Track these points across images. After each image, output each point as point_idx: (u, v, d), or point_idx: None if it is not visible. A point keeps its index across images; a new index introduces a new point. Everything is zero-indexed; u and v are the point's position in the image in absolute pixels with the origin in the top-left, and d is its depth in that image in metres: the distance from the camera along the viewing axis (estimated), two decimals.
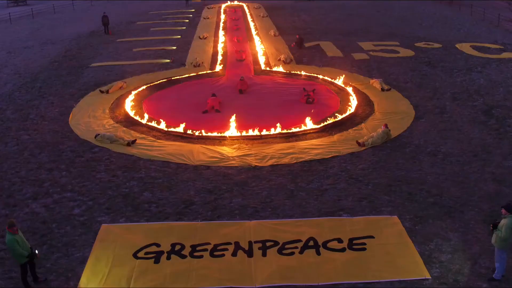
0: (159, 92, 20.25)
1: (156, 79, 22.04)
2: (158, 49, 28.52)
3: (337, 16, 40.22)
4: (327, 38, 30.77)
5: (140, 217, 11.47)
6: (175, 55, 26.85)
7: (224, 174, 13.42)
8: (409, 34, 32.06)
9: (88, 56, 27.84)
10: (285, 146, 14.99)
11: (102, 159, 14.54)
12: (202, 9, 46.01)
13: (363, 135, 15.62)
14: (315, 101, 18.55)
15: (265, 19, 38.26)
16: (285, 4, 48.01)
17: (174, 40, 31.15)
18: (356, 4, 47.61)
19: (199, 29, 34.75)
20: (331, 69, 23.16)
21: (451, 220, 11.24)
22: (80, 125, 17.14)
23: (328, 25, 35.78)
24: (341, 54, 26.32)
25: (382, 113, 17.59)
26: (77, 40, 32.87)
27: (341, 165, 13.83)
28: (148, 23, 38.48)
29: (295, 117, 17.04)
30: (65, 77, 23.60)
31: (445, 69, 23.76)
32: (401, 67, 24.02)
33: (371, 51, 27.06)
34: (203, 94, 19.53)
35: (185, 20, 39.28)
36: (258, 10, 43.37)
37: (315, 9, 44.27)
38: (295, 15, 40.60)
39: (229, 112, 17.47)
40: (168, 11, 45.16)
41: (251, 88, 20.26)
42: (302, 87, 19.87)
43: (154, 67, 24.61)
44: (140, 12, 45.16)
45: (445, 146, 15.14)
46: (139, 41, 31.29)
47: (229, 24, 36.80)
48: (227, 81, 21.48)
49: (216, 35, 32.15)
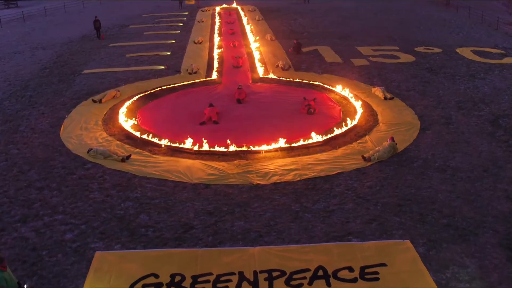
0: (154, 102, 19.51)
1: (150, 87, 21.29)
2: (152, 55, 27.78)
3: (334, 19, 39.65)
4: (325, 43, 30.15)
5: (136, 243, 10.75)
6: (169, 61, 26.12)
7: (224, 193, 12.72)
8: (408, 38, 31.54)
9: (80, 62, 27.03)
10: (288, 161, 14.32)
11: (95, 176, 13.80)
12: (196, 12, 45.30)
13: (368, 148, 14.98)
14: (316, 111, 17.90)
15: (260, 22, 37.61)
16: (280, 6, 47.44)
17: (168, 45, 30.41)
18: (352, 6, 47.14)
19: (193, 33, 34.02)
20: (331, 76, 22.54)
21: (466, 244, 10.62)
22: (72, 138, 16.37)
23: (325, 29, 35.19)
24: (341, 60, 25.70)
25: (386, 124, 16.97)
26: (68, 45, 32.04)
27: (347, 182, 13.17)
28: (141, 27, 37.71)
29: (297, 129, 16.40)
30: (57, 85, 22.80)
31: (447, 75, 23.21)
32: (402, 73, 23.43)
33: (370, 57, 26.47)
34: (199, 103, 18.83)
35: (179, 24, 38.54)
36: (253, 13, 42.70)
37: (310, 11, 43.69)
38: (291, 18, 39.97)
39: (227, 124, 16.81)
40: (161, 14, 44.43)
41: (249, 97, 19.58)
42: (302, 96, 19.21)
43: (149, 74, 23.85)
44: (133, 15, 44.36)
45: (454, 160, 14.53)
46: (132, 46, 30.52)
47: (224, 27, 36.11)
48: (224, 89, 20.78)
49: (211, 40, 31.44)
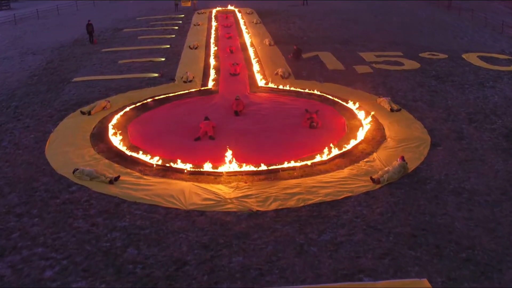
0: (146, 114, 18.33)
1: (143, 97, 20.12)
2: (145, 61, 26.58)
3: (334, 21, 38.54)
4: (325, 48, 29.04)
5: (123, 282, 9.60)
6: (163, 68, 24.95)
7: (221, 222, 11.58)
8: (411, 43, 30.45)
9: (70, 69, 25.84)
10: (290, 183, 13.18)
11: (81, 201, 12.63)
12: (192, 14, 44.12)
13: (377, 168, 13.86)
14: (319, 125, 16.77)
15: (258, 26, 36.45)
16: (278, 8, 46.31)
17: (162, 51, 29.23)
18: (352, 8, 46.08)
19: (189, 37, 32.85)
20: (334, 86, 21.40)
21: (489, 283, 9.53)
22: (58, 155, 15.20)
23: (326, 33, 34.07)
24: (343, 67, 24.58)
25: (394, 139, 15.85)
26: (59, 50, 30.84)
27: (355, 208, 12.05)
28: (135, 30, 36.51)
29: (299, 145, 15.30)
30: (44, 95, 21.61)
31: (455, 84, 22.13)
32: (408, 82, 22.33)
33: (374, 63, 25.37)
34: (195, 116, 17.71)
35: (174, 27, 37.36)
36: (251, 16, 41.55)
37: (309, 14, 42.56)
38: (289, 21, 38.83)
39: (224, 139, 15.68)
40: (156, 16, 43.23)
41: (248, 109, 18.43)
42: (303, 108, 18.12)
43: (141, 82, 22.67)
44: (127, 18, 43.16)
45: (469, 182, 13.43)
46: (126, 51, 29.32)
47: (221, 31, 34.94)
48: (221, 100, 19.63)
49: (207, 45, 30.27)
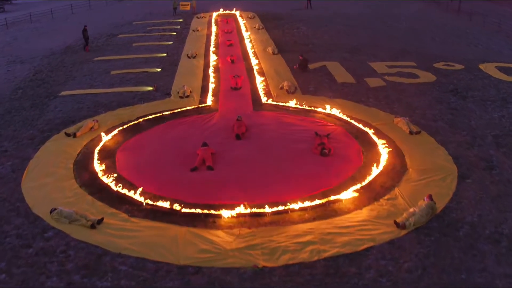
0: (137, 137, 16.43)
1: (134, 116, 18.24)
2: (139, 72, 24.67)
3: (340, 27, 36.60)
4: (333, 57, 27.14)
5: None
6: (159, 80, 23.06)
7: (220, 282, 9.71)
8: (424, 52, 28.56)
9: (59, 81, 23.97)
10: (301, 229, 11.31)
11: (57, 251, 10.77)
12: (191, 18, 42.20)
13: (400, 208, 11.99)
14: (332, 151, 14.86)
15: (261, 31, 34.53)
16: (281, 12, 44.41)
17: (158, 60, 27.33)
18: (357, 12, 44.18)
19: (187, 44, 30.94)
20: (345, 102, 19.48)
21: None
22: (35, 189, 13.35)
23: (332, 40, 32.15)
24: (353, 80, 22.67)
25: (417, 170, 13.95)
26: (49, 59, 28.97)
27: (379, 263, 10.15)
28: (131, 36, 34.61)
29: (309, 176, 13.45)
30: (28, 111, 19.75)
31: (476, 100, 20.24)
32: (425, 97, 20.43)
33: (386, 75, 23.47)
34: (191, 140, 15.85)
35: (172, 33, 35.44)
36: (253, 20, 39.63)
37: (314, 19, 40.64)
38: (293, 27, 36.91)
39: (224, 170, 13.86)
40: (154, 21, 41.33)
41: (251, 131, 16.54)
42: (313, 130, 16.27)
43: (134, 97, 20.77)
44: (123, 22, 41.29)
45: (507, 224, 11.60)
46: (119, 61, 27.42)
47: (221, 38, 33.01)
48: (221, 120, 17.74)
49: (207, 53, 28.36)
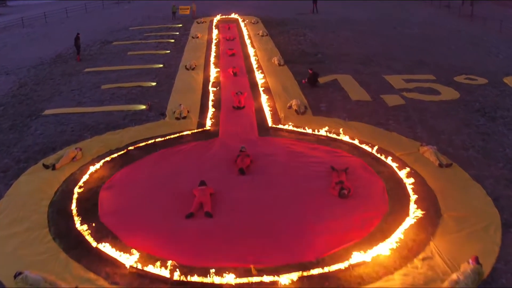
0: (125, 171, 14.25)
1: (123, 142, 16.05)
2: (133, 87, 22.48)
3: (349, 34, 34.37)
4: (344, 69, 24.94)
5: None
6: (153, 97, 20.90)
7: None
8: (442, 63, 26.37)
9: (44, 96, 21.84)
10: None
11: None
12: (190, 23, 40.02)
13: (439, 271, 9.83)
14: (351, 191, 12.64)
15: (265, 39, 32.32)
16: (286, 17, 42.22)
17: (154, 72, 25.14)
18: (366, 17, 41.98)
19: (186, 54, 28.75)
20: (362, 126, 17.27)
21: None
22: (1, 241, 11.16)
23: (342, 48, 29.93)
24: (369, 97, 20.45)
25: (453, 217, 11.76)
26: (37, 69, 26.87)
27: None
28: (126, 44, 32.45)
29: (327, 227, 11.21)
30: (5, 135, 17.64)
31: (507, 122, 18.10)
32: (450, 119, 18.23)
33: (404, 91, 21.27)
34: (187, 175, 13.71)
35: (170, 40, 33.25)
36: (256, 26, 37.43)
37: (321, 24, 38.43)
38: (299, 34, 34.68)
39: (225, 217, 11.71)
40: (151, 26, 39.17)
41: (256, 164, 14.33)
42: (327, 162, 14.13)
43: (124, 117, 18.59)
44: (119, 28, 39.14)
45: None
46: (111, 72, 25.26)
47: (222, 46, 30.81)
48: (222, 148, 15.55)
49: (206, 64, 26.16)
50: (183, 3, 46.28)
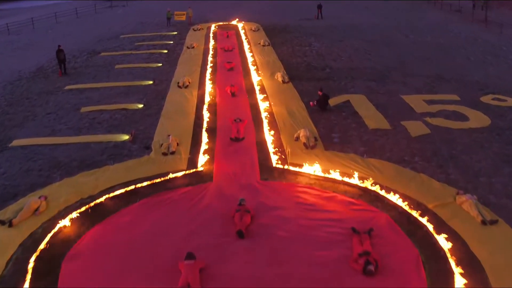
0: (95, 231, 11.52)
1: (97, 188, 13.35)
2: (116, 110, 19.76)
3: (358, 44, 31.60)
4: (356, 87, 22.25)
5: None
6: (139, 122, 18.27)
7: None
8: (463, 78, 23.72)
9: (16, 121, 19.19)
10: None
11: None
12: (186, 30, 37.30)
13: None
14: (379, 264, 9.91)
15: (267, 49, 29.59)
16: (289, 24, 39.47)
17: (143, 90, 22.43)
18: (374, 23, 39.23)
19: (179, 67, 26.04)
20: (383, 165, 14.52)
21: None
22: None
23: (352, 61, 27.19)
24: (388, 125, 17.71)
25: None
26: (13, 86, 24.21)
27: None
28: (114, 55, 29.71)
29: None
30: None
31: None
32: (484, 153, 15.53)
33: (427, 115, 18.59)
34: (171, 239, 11.04)
35: (163, 51, 30.51)
36: (257, 34, 34.69)
37: (327, 32, 35.67)
38: (304, 43, 31.91)
39: None
40: (144, 34, 36.44)
41: (258, 221, 11.65)
42: (346, 220, 11.42)
43: (103, 152, 15.89)
44: (109, 35, 36.42)
45: None
46: (95, 91, 22.57)
47: (220, 57, 28.09)
48: (216, 198, 12.82)
49: (202, 81, 23.47)
50: (179, 8, 43.52)
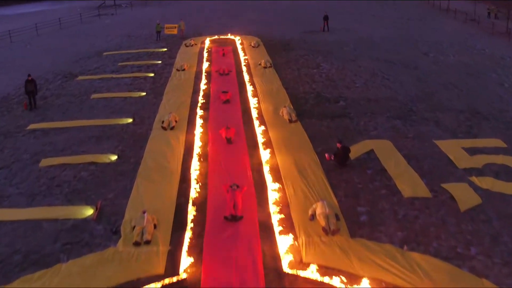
0: None
1: None
2: (84, 164, 15.77)
3: (373, 65, 27.65)
4: (379, 128, 18.43)
5: None
6: (109, 182, 14.32)
7: None
8: (502, 114, 20.00)
9: None
10: None
11: None
12: (178, 45, 33.33)
13: None
14: None
15: (268, 72, 25.67)
16: (291, 37, 35.54)
17: (119, 132, 18.50)
18: (384, 36, 35.26)
19: (166, 98, 22.14)
20: (432, 264, 10.65)
21: None
22: None
23: (368, 89, 23.27)
24: (428, 192, 13.76)
25: None
26: None
27: None
28: (93, 80, 25.75)
29: None
30: None
31: None
32: None
33: (472, 173, 14.77)
34: None
35: (149, 74, 26.54)
36: (257, 51, 30.75)
37: (335, 49, 31.73)
38: (311, 64, 27.94)
39: None
40: (129, 51, 32.48)
41: None
42: None
43: (56, 238, 11.95)
44: (91, 52, 32.48)
45: None
46: (61, 133, 18.67)
47: (214, 84, 24.14)
48: None
49: (191, 118, 19.48)
50: (171, 20, 39.59)
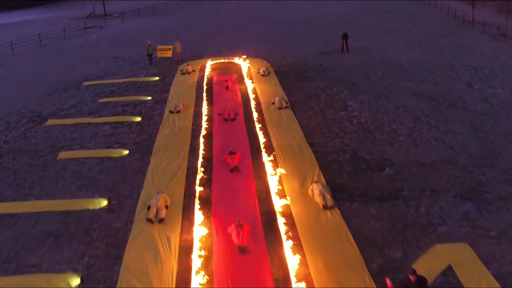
0: None
1: None
2: None
3: (413, 104, 22.28)
4: (446, 217, 13.36)
5: None
6: None
7: None
8: None
9: None
10: None
11: None
12: (172, 73, 28.07)
13: None
14: None
15: (285, 116, 20.52)
16: (306, 61, 30.18)
17: (86, 225, 13.21)
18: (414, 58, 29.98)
19: (154, 163, 16.73)
20: None
21: None
22: None
23: (417, 145, 18.02)
24: None
25: None
26: None
27: None
28: (64, 126, 20.50)
29: None
30: None
31: None
32: None
33: None
34: None
35: (135, 119, 21.16)
36: (268, 82, 25.53)
37: (361, 77, 26.47)
38: (336, 103, 22.52)
39: None
40: (114, 80, 27.16)
41: None
42: None
43: None
44: (70, 81, 27.40)
45: None
46: (7, 224, 13.27)
47: (218, 137, 18.80)
48: None
49: (187, 205, 14.15)
50: (165, 35, 34.31)
